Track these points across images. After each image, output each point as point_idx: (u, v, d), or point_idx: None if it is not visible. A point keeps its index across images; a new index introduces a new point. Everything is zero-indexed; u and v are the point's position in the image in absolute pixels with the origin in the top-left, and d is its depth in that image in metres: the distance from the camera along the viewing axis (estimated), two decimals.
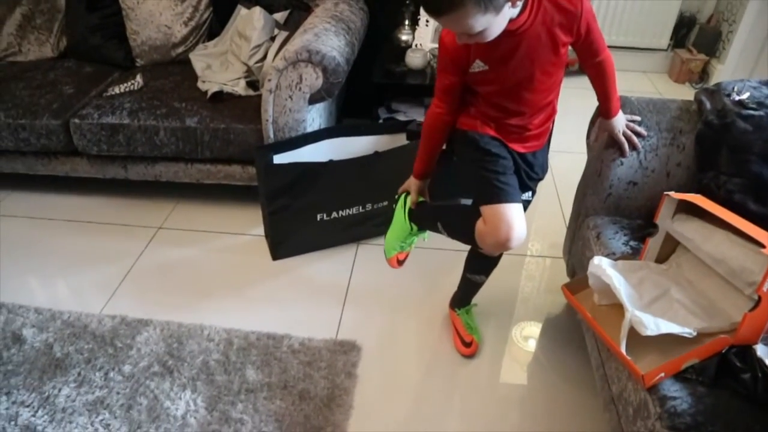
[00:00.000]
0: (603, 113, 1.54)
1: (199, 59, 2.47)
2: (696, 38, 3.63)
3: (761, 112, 1.47)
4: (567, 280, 1.93)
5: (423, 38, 2.58)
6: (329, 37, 2.08)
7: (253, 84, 2.35)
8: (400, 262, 1.80)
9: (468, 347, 1.79)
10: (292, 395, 1.64)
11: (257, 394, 1.64)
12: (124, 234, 2.29)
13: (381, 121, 2.60)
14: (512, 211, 1.37)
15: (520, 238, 1.37)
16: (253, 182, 2.26)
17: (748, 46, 2.51)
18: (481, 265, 1.69)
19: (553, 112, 1.48)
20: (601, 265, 1.29)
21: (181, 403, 1.61)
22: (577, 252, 1.70)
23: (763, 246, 1.12)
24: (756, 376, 1.12)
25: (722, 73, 3.27)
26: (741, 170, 1.45)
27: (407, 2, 2.63)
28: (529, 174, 1.52)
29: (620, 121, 1.54)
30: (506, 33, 1.22)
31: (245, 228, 2.32)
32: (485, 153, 1.43)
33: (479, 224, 1.42)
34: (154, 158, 2.27)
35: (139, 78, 2.40)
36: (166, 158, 2.26)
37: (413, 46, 2.59)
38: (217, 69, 2.42)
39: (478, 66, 1.32)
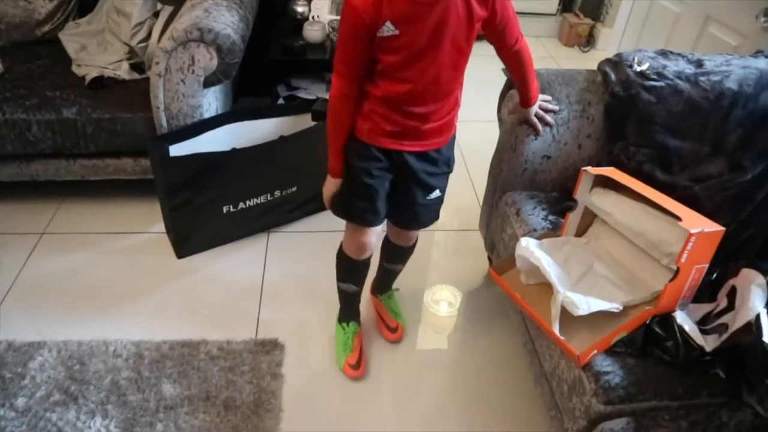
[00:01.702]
0: (522, 101, 1.51)
1: (71, 39, 2.19)
2: (582, 3, 3.76)
3: (662, 83, 1.52)
4: (483, 251, 1.95)
5: (320, 9, 2.46)
6: (221, 13, 1.91)
7: (138, 66, 2.12)
8: (353, 367, 1.65)
9: (394, 333, 1.76)
10: (216, 406, 1.54)
11: (177, 410, 1.52)
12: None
13: (281, 99, 2.47)
14: (368, 235, 1.47)
15: (368, 254, 1.54)
16: (147, 175, 2.06)
17: (635, 10, 2.62)
18: (395, 254, 1.67)
19: (456, 104, 1.37)
20: (529, 247, 1.28)
21: None
22: (496, 228, 1.70)
23: (679, 219, 1.15)
24: (677, 343, 1.17)
25: (609, 36, 3.41)
26: (648, 141, 1.50)
27: None
28: (430, 172, 1.39)
29: (536, 106, 1.54)
30: None
31: (143, 225, 2.12)
32: (363, 176, 1.36)
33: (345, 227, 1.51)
34: (29, 156, 1.99)
35: None
36: (43, 155, 1.99)
37: (310, 18, 2.45)
38: (95, 50, 2.16)
39: (388, 29, 1.17)
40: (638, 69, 1.57)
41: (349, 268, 1.61)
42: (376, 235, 1.51)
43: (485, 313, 1.88)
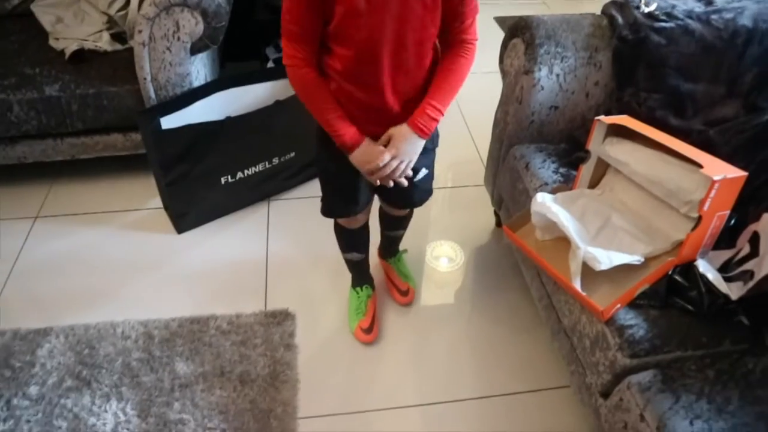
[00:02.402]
0: (414, 116, 1.17)
1: (45, 11, 2.08)
2: None
3: (672, 24, 1.45)
4: (487, 206, 1.92)
5: None
6: None
7: (119, 36, 2.03)
8: (365, 331, 1.62)
9: (405, 296, 1.74)
10: (232, 381, 1.52)
11: (193, 388, 1.50)
12: None
13: (271, 62, 2.38)
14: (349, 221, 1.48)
15: (362, 224, 1.52)
16: (140, 150, 1.99)
17: None
18: (393, 222, 1.64)
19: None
20: (545, 203, 1.25)
21: (108, 416, 1.44)
22: (505, 183, 1.66)
23: (700, 166, 1.11)
24: (701, 292, 1.15)
25: None
26: (659, 85, 1.45)
27: None
28: None
29: (412, 144, 1.19)
30: None
31: (140, 202, 2.07)
32: (338, 168, 1.28)
33: None
34: (13, 138, 1.92)
35: None
36: (29, 136, 1.92)
37: None
38: (71, 22, 2.05)
39: None
40: (646, 10, 1.51)
41: (347, 238, 1.58)
42: (363, 213, 1.47)
43: (494, 269, 1.86)
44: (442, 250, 1.94)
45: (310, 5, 1.05)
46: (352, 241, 1.60)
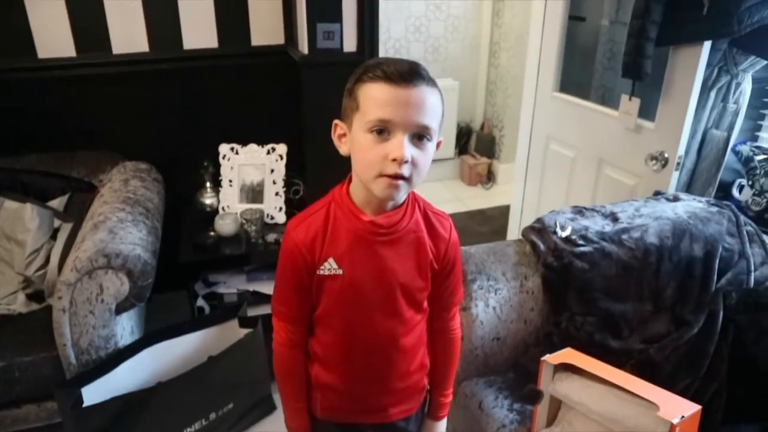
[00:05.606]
0: (433, 407, 1.26)
1: None
2: (476, 144, 4.01)
3: (589, 248, 1.54)
4: None
5: (229, 200, 2.39)
6: (128, 231, 1.79)
7: (37, 295, 1.92)
8: None
9: None
10: None
11: None
12: None
13: (200, 297, 2.31)
14: None
15: None
16: (55, 419, 1.79)
17: (533, 152, 2.73)
18: None
19: (423, 367, 1.19)
20: None
21: None
22: (459, 423, 1.59)
23: (657, 407, 1.11)
24: None
25: (507, 172, 3.60)
26: (591, 308, 1.49)
27: (205, 163, 2.43)
28: None
29: (443, 428, 1.30)
30: (373, 229, 1.02)
31: None
32: None
33: None
34: None
35: None
36: None
37: (220, 211, 2.38)
38: None
39: (330, 267, 1.03)
40: (563, 234, 1.60)
41: None
42: None
43: None
44: None
45: (300, 289, 1.07)
46: None
